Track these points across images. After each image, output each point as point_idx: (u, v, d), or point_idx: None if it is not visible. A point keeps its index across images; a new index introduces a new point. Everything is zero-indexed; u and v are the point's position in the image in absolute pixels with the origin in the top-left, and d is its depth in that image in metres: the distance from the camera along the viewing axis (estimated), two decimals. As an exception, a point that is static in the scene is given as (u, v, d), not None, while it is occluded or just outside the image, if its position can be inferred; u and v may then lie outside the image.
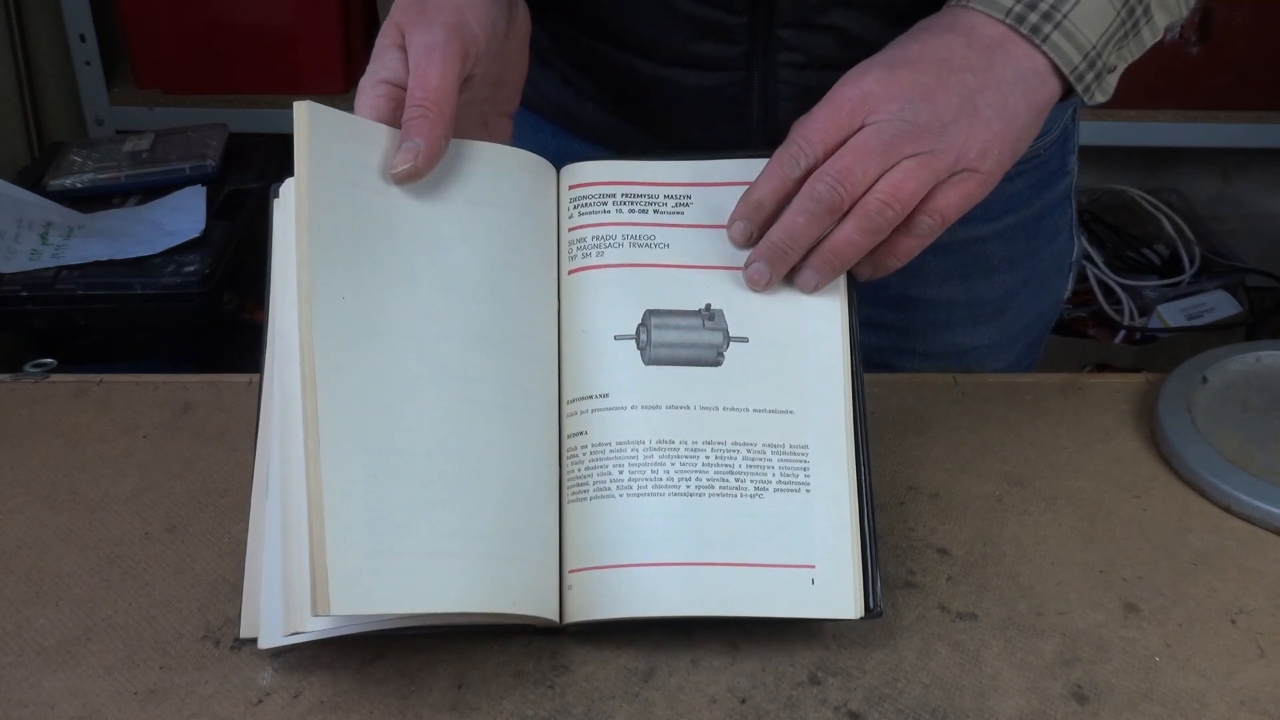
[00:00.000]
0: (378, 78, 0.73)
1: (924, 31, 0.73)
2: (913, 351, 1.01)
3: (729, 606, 0.69)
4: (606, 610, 0.69)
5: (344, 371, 0.67)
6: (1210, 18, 2.00)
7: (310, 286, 0.67)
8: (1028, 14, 0.72)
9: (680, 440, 0.71)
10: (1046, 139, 0.98)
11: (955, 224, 0.96)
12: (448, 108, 0.71)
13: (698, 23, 0.86)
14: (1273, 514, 0.79)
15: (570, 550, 0.70)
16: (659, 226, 0.76)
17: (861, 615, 0.69)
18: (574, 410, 0.73)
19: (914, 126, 0.69)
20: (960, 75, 0.71)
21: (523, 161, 0.77)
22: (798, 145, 0.71)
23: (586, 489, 0.71)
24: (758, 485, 0.71)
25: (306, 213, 0.68)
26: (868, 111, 0.70)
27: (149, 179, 1.84)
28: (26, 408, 0.89)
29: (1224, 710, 0.68)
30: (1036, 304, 1.05)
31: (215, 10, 2.04)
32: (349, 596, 0.62)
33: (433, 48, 0.71)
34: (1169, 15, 0.77)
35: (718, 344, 0.73)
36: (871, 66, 0.72)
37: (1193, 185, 2.29)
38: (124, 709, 0.68)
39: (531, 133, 0.98)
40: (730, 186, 0.75)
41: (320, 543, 0.63)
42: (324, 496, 0.63)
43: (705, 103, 0.89)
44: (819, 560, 0.69)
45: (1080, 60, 0.73)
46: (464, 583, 0.66)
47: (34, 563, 0.77)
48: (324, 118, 0.70)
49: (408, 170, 0.71)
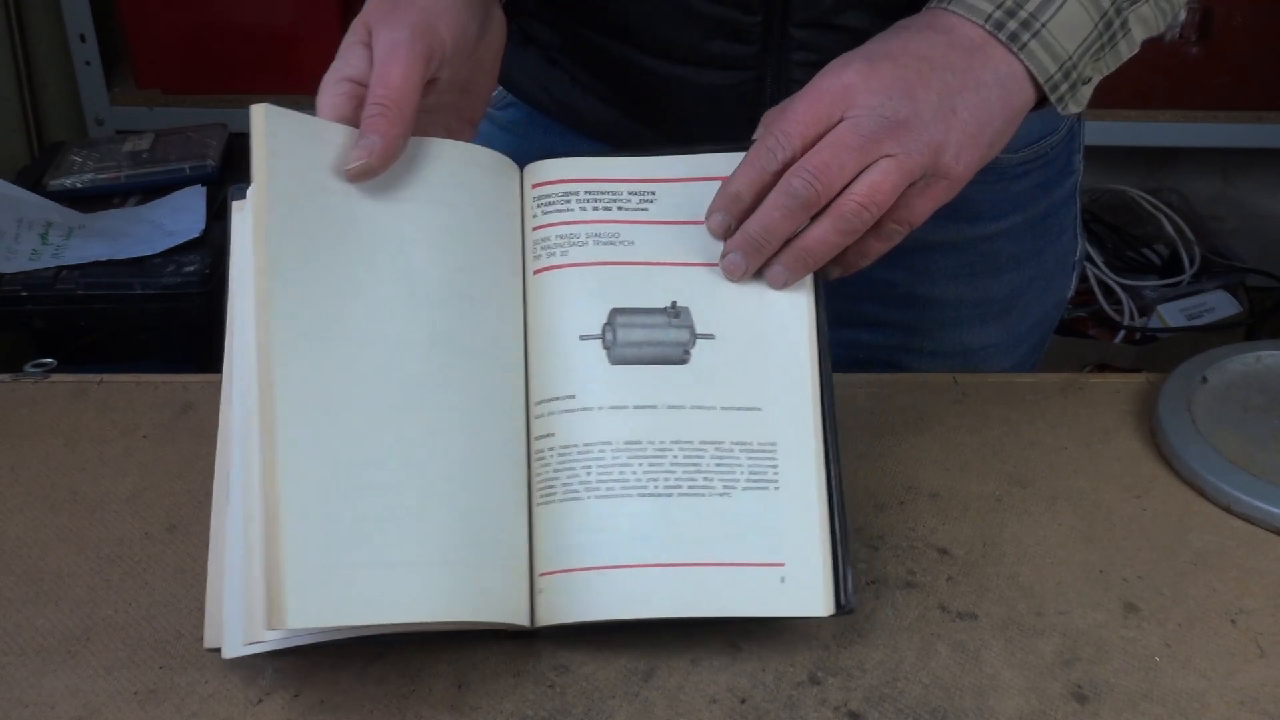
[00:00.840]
0: (340, 75, 0.72)
1: (905, 29, 0.73)
2: (920, 350, 1.01)
3: (698, 607, 0.68)
4: (576, 613, 0.69)
5: (302, 380, 0.66)
6: (1210, 18, 2.00)
7: (268, 293, 0.66)
8: (1006, 21, 0.72)
9: (648, 440, 0.71)
10: (1053, 138, 0.98)
11: (962, 222, 0.97)
12: (407, 107, 0.70)
13: (712, 21, 0.85)
14: (1273, 514, 0.79)
15: (540, 553, 0.70)
16: (623, 224, 0.75)
17: (833, 613, 0.69)
18: (541, 412, 0.72)
19: (893, 122, 0.69)
20: (941, 74, 0.71)
21: (485, 160, 0.76)
22: (775, 138, 0.70)
23: (555, 491, 0.70)
24: (726, 484, 0.70)
25: (264, 218, 0.67)
26: (847, 105, 0.70)
27: (149, 179, 1.83)
28: (26, 408, 0.89)
29: (1224, 710, 0.68)
30: (1042, 303, 1.05)
31: (215, 10, 2.04)
32: (305, 609, 0.62)
33: (397, 46, 0.71)
34: (1147, 30, 0.77)
35: (684, 341, 0.72)
36: (852, 59, 0.71)
37: (1193, 185, 2.29)
38: (124, 709, 0.68)
39: (540, 133, 0.97)
40: (695, 182, 0.75)
41: (276, 554, 0.62)
42: (280, 508, 0.63)
43: (717, 102, 0.88)
44: (788, 558, 0.69)
45: (1056, 70, 0.73)
46: (424, 592, 0.65)
47: (34, 563, 0.77)
48: (281, 120, 0.69)
49: (360, 167, 0.70)
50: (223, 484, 0.70)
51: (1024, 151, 0.96)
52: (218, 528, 0.70)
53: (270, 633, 0.64)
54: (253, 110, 0.68)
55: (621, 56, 0.89)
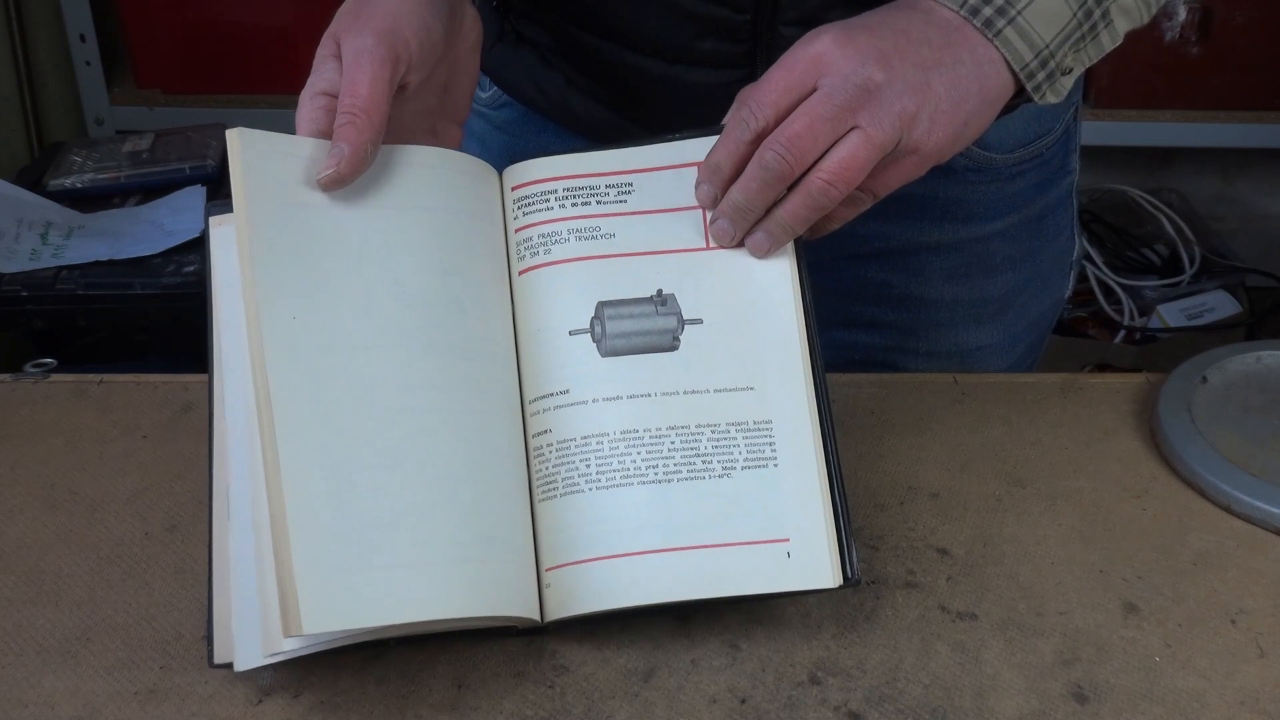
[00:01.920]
0: (315, 89, 0.73)
1: (883, 9, 0.73)
2: (915, 351, 1.01)
3: (707, 588, 0.69)
4: (585, 605, 0.69)
5: (299, 391, 0.66)
6: (1210, 18, 2.00)
7: (258, 309, 0.67)
8: (982, 6, 0.72)
9: (644, 429, 0.71)
10: (1048, 138, 0.98)
11: (958, 223, 0.97)
12: (376, 113, 0.70)
13: (702, 21, 0.86)
14: (1273, 514, 0.79)
15: (545, 549, 0.70)
16: (603, 217, 0.75)
17: (840, 584, 0.69)
18: (536, 409, 0.73)
19: (865, 90, 0.69)
20: (917, 47, 0.71)
21: (464, 165, 0.77)
22: (749, 109, 0.71)
23: (556, 486, 0.71)
24: (725, 465, 0.71)
25: (248, 236, 0.68)
26: (820, 73, 0.70)
27: (149, 179, 1.84)
28: (26, 408, 0.89)
29: (1224, 710, 0.68)
30: (1038, 304, 1.05)
31: (215, 10, 2.04)
32: (320, 615, 0.62)
33: (362, 53, 0.71)
34: (1130, 21, 0.77)
35: (672, 328, 0.73)
36: (827, 29, 0.71)
37: (1193, 185, 2.29)
38: (124, 709, 0.68)
39: (535, 132, 0.98)
40: (670, 170, 0.75)
41: (287, 563, 0.62)
42: (287, 517, 0.63)
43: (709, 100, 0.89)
44: (792, 533, 0.69)
45: (1032, 58, 0.73)
46: (436, 591, 0.66)
47: (34, 563, 0.77)
48: (256, 141, 0.70)
49: (330, 176, 0.70)
50: (222, 500, 0.70)
51: (1019, 151, 0.96)
52: (220, 544, 0.70)
53: (289, 642, 0.64)
54: (228, 135, 0.70)
55: (614, 56, 0.90)
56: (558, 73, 0.95)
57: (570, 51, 0.93)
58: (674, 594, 0.69)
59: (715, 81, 0.88)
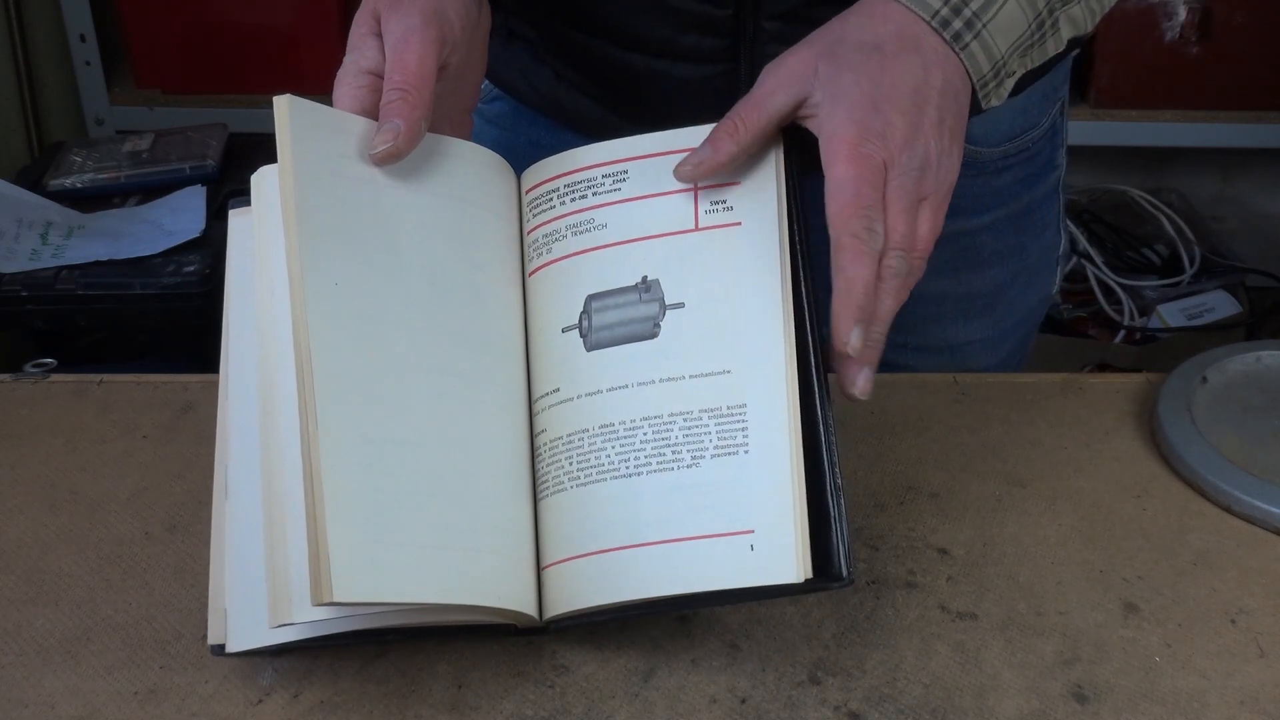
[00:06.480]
0: (359, 68, 0.73)
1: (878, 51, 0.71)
2: (904, 346, 1.01)
3: (665, 586, 0.67)
4: (560, 606, 0.69)
5: (339, 357, 0.66)
6: (1210, 18, 2.00)
7: (302, 273, 0.66)
8: (952, 19, 0.71)
9: (619, 421, 0.70)
10: (1034, 133, 0.98)
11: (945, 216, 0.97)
12: (426, 91, 0.71)
13: (684, 16, 0.86)
14: (1273, 514, 0.79)
15: (541, 548, 0.71)
16: (597, 208, 0.75)
17: (807, 579, 0.65)
18: (537, 410, 0.73)
19: (920, 173, 0.69)
20: (927, 107, 0.70)
21: (494, 162, 0.77)
22: (874, 230, 0.68)
23: (546, 486, 0.71)
24: (694, 454, 0.69)
25: (294, 202, 0.67)
26: (888, 170, 0.69)
27: (149, 179, 1.83)
28: (26, 408, 0.89)
29: (1224, 710, 0.68)
30: (1026, 298, 1.05)
31: (215, 10, 2.04)
32: (350, 584, 0.62)
33: (410, 32, 0.71)
34: (1075, 29, 0.77)
35: (653, 315, 0.72)
36: (857, 105, 0.69)
37: (1193, 185, 2.29)
38: (124, 709, 0.68)
39: (526, 127, 0.98)
40: (664, 156, 0.74)
41: (321, 529, 0.62)
42: (324, 483, 0.63)
43: (694, 94, 0.89)
44: (757, 524, 0.66)
45: (989, 70, 0.73)
46: (458, 576, 0.66)
47: (34, 563, 0.77)
48: (305, 110, 0.70)
49: (387, 150, 0.70)
50: (222, 481, 0.71)
51: (1005, 145, 0.96)
52: (218, 525, 0.70)
53: (306, 612, 0.63)
54: (276, 101, 0.70)
55: (601, 52, 0.90)
56: (547, 68, 0.95)
57: (559, 48, 0.94)
58: (630, 593, 0.67)
59: (700, 76, 0.88)
